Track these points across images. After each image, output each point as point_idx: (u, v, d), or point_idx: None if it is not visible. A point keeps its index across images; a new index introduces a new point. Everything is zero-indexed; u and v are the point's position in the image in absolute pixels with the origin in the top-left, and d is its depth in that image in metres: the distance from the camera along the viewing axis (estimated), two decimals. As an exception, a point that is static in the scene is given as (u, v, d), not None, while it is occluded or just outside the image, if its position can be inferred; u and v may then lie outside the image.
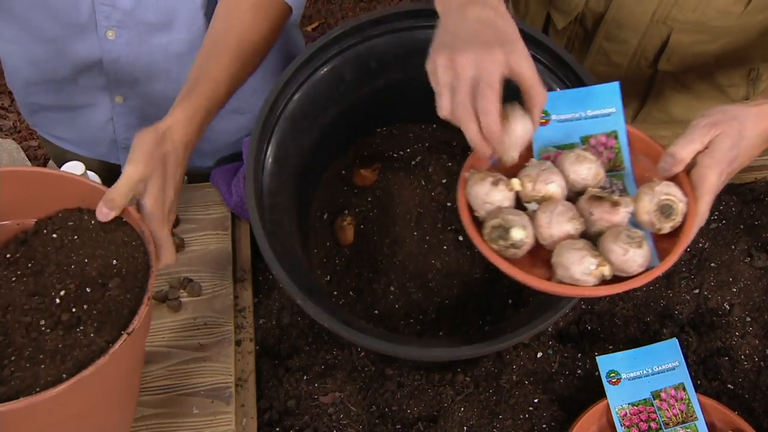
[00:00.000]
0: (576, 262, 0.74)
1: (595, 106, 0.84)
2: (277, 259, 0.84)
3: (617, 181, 0.83)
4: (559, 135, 0.84)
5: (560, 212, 0.77)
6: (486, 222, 0.77)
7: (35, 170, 0.81)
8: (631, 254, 0.74)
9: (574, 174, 0.80)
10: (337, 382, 0.95)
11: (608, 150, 0.84)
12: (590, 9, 1.14)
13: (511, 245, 0.76)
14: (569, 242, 0.76)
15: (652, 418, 0.90)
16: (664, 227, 0.77)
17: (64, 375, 0.68)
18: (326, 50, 0.96)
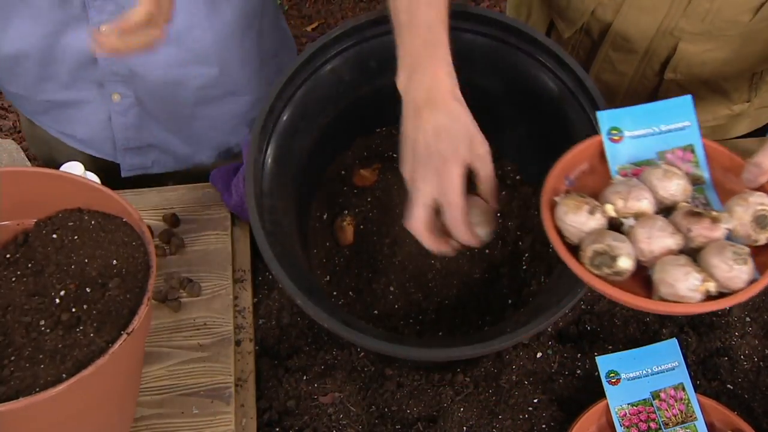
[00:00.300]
0: (681, 278, 0.73)
1: (669, 120, 0.84)
2: (276, 259, 0.84)
3: (699, 195, 0.83)
4: (634, 151, 0.84)
5: (660, 227, 0.76)
6: (585, 246, 0.76)
7: (35, 170, 0.81)
8: (737, 270, 0.73)
9: (663, 191, 0.80)
10: (337, 382, 0.96)
11: (686, 164, 0.84)
12: (596, 18, 1.13)
13: (615, 273, 0.75)
14: (672, 258, 0.75)
15: (652, 419, 0.90)
16: (760, 239, 0.76)
17: (64, 375, 0.68)
18: (326, 50, 0.96)
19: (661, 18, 1.07)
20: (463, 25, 0.98)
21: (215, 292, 1.02)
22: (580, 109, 0.96)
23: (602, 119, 0.84)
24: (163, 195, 1.10)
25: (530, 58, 0.98)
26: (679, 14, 1.06)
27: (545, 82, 0.98)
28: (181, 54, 1.07)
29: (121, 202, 0.79)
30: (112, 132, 1.17)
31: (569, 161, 0.84)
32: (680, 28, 1.07)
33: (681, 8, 1.05)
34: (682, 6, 1.05)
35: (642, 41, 1.11)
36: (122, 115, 1.14)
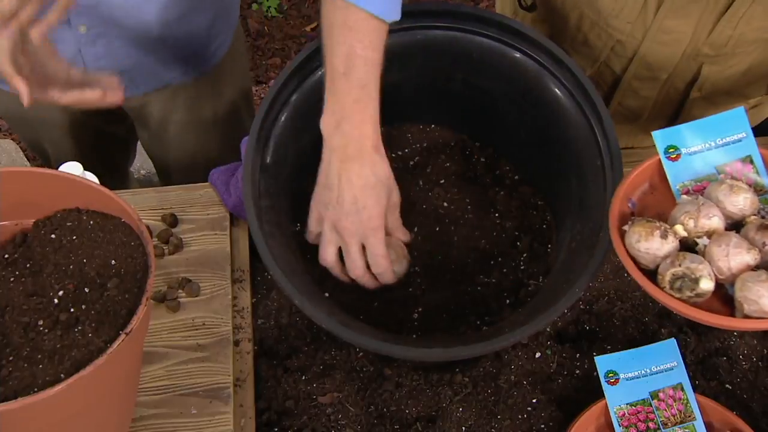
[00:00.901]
0: (765, 294, 0.73)
1: (724, 133, 0.85)
2: (274, 260, 0.84)
3: (764, 205, 0.83)
4: (694, 168, 0.85)
5: (736, 244, 0.76)
6: (663, 271, 0.76)
7: (34, 171, 0.81)
8: None
9: (731, 206, 0.80)
10: (336, 382, 0.95)
11: (747, 175, 0.84)
12: (616, 54, 1.13)
13: (697, 295, 0.75)
14: (752, 275, 0.75)
15: (650, 418, 0.90)
16: None
17: (62, 375, 0.68)
18: (325, 51, 0.96)
19: (683, 48, 1.07)
20: (463, 25, 0.98)
21: (214, 293, 1.02)
22: (579, 109, 0.96)
23: (657, 139, 0.85)
24: (162, 195, 1.10)
25: (529, 59, 0.98)
26: (702, 42, 1.05)
27: (544, 82, 0.98)
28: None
29: (119, 202, 0.79)
30: (84, 65, 1.17)
31: (630, 184, 0.85)
32: (704, 54, 1.07)
33: (703, 37, 1.04)
34: (705, 35, 1.04)
35: (665, 70, 1.11)
36: (91, 45, 1.14)
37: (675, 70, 1.11)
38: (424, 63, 1.02)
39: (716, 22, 1.02)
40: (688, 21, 1.03)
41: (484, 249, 1.03)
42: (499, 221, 1.05)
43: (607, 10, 1.07)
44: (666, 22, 1.04)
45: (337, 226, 0.89)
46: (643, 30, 1.06)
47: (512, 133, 1.06)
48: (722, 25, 1.02)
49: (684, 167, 0.85)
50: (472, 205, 1.06)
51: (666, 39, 1.06)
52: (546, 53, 0.97)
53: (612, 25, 1.08)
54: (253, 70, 2.50)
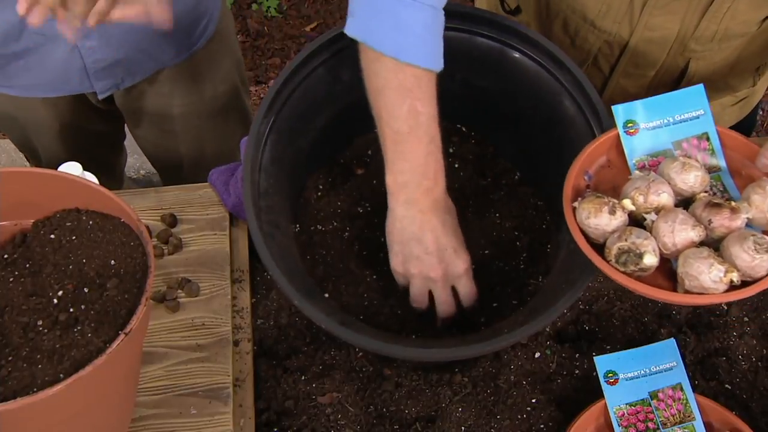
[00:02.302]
0: (705, 270, 0.74)
1: (682, 110, 0.86)
2: (273, 260, 0.84)
3: (716, 182, 0.84)
4: (650, 143, 0.85)
5: (681, 221, 0.78)
6: (610, 245, 0.78)
7: (33, 171, 0.81)
8: (759, 260, 0.75)
9: (681, 183, 0.81)
10: (335, 382, 0.95)
11: (702, 152, 0.85)
12: (603, 54, 1.13)
13: (641, 269, 0.76)
14: (694, 251, 0.76)
15: (650, 418, 0.90)
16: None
17: (62, 375, 0.68)
18: (324, 50, 0.96)
19: (670, 44, 1.07)
20: (462, 25, 0.98)
21: (213, 293, 1.02)
22: (578, 109, 0.96)
23: (617, 113, 0.85)
24: (161, 195, 1.10)
25: (529, 59, 0.98)
26: (688, 37, 1.06)
27: (543, 82, 0.98)
28: None
29: (119, 202, 0.79)
30: (82, 59, 1.18)
31: (587, 157, 0.85)
32: (690, 49, 1.08)
33: (690, 33, 1.05)
34: (691, 30, 1.05)
35: (653, 66, 1.12)
36: (86, 38, 1.15)
37: (662, 67, 1.11)
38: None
39: (701, 18, 1.03)
40: (674, 17, 1.03)
41: (484, 249, 1.03)
42: (499, 221, 1.05)
43: (593, 12, 1.08)
44: (652, 19, 1.04)
45: (430, 275, 0.91)
46: (629, 28, 1.07)
47: (512, 133, 1.06)
48: (707, 20, 1.03)
49: (641, 142, 0.85)
50: (472, 205, 1.06)
51: (653, 36, 1.06)
52: (545, 53, 0.97)
53: (598, 26, 1.09)
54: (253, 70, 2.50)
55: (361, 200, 1.05)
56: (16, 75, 1.21)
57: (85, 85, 1.24)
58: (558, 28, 1.14)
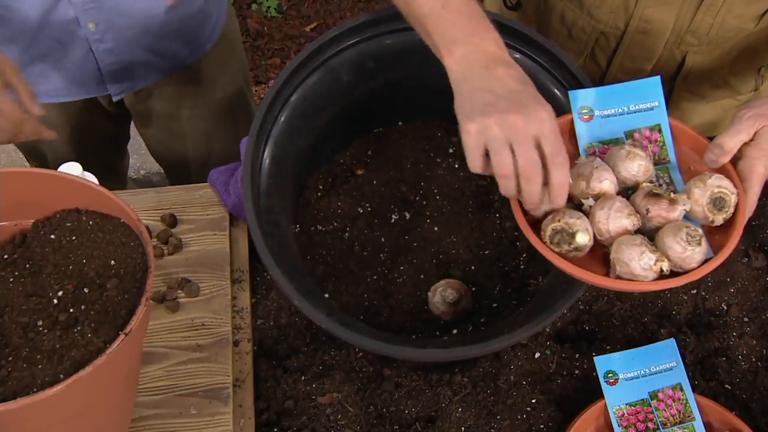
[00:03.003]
0: (636, 257, 0.75)
1: (638, 100, 0.86)
2: (274, 260, 0.84)
3: (663, 174, 0.85)
4: (603, 130, 0.86)
5: (618, 208, 0.79)
6: (545, 226, 0.79)
7: (34, 171, 0.81)
8: (690, 251, 0.76)
9: (625, 171, 0.82)
10: (335, 382, 0.95)
11: (653, 143, 0.85)
12: (600, 46, 1.14)
13: (575, 249, 0.77)
14: (628, 238, 0.77)
15: (650, 419, 0.90)
16: (716, 219, 0.79)
17: (62, 375, 0.68)
18: (324, 51, 0.96)
19: (666, 37, 1.07)
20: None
21: (213, 293, 1.02)
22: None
23: (574, 98, 0.86)
24: (161, 195, 1.10)
25: (528, 59, 0.98)
26: (684, 31, 1.06)
27: (543, 82, 0.98)
28: None
29: (119, 202, 0.79)
30: (96, 62, 1.19)
31: None
32: (687, 43, 1.08)
33: (685, 26, 1.05)
34: (686, 24, 1.05)
35: (650, 60, 1.12)
36: (101, 41, 1.16)
37: (659, 61, 1.11)
38: (424, 63, 1.01)
39: (697, 10, 1.03)
40: (669, 9, 1.04)
41: (484, 249, 1.03)
42: (499, 221, 1.05)
43: (589, 2, 1.08)
44: (647, 11, 1.04)
45: (508, 121, 0.74)
46: (625, 19, 1.07)
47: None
48: (703, 12, 1.03)
49: (594, 129, 0.86)
50: (472, 205, 1.06)
51: (649, 28, 1.07)
52: (544, 53, 0.97)
53: (594, 16, 1.09)
54: (253, 70, 2.50)
55: (361, 200, 1.05)
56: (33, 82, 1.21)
57: (101, 87, 1.25)
58: (556, 20, 1.15)
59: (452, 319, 0.97)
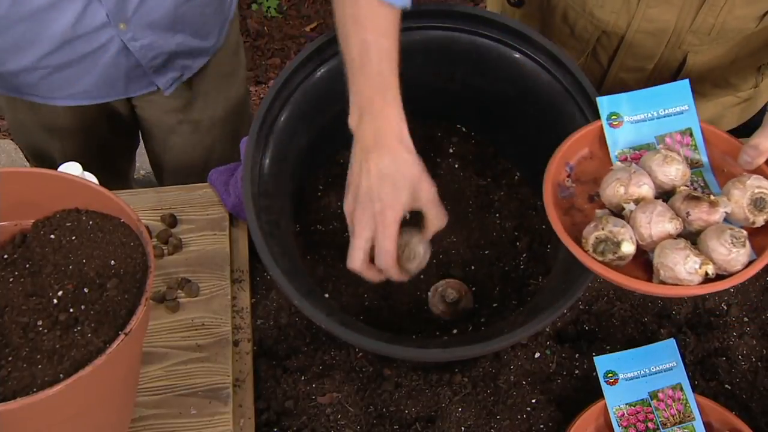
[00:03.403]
0: (680, 262, 0.75)
1: (667, 105, 0.86)
2: (274, 259, 0.84)
3: (697, 178, 0.84)
4: (634, 136, 0.86)
5: (660, 212, 0.78)
6: (587, 234, 0.78)
7: (33, 171, 0.81)
8: (735, 254, 0.75)
9: (662, 175, 0.81)
10: (335, 382, 0.95)
11: (685, 147, 0.85)
12: (602, 45, 1.14)
13: (619, 258, 0.77)
14: (671, 242, 0.76)
15: (650, 419, 0.90)
16: (757, 221, 0.78)
17: (62, 375, 0.68)
18: (324, 51, 0.96)
19: (668, 36, 1.07)
20: (462, 25, 0.98)
21: (213, 293, 1.02)
22: (578, 109, 0.96)
23: (602, 105, 0.85)
24: (161, 195, 1.10)
25: (528, 59, 0.98)
26: (685, 31, 1.06)
27: (543, 82, 0.98)
28: None
29: (118, 202, 0.79)
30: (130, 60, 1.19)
31: (569, 148, 0.85)
32: (688, 42, 1.08)
33: (686, 26, 1.05)
34: (688, 24, 1.05)
35: (651, 59, 1.12)
36: (135, 39, 1.16)
37: (660, 60, 1.12)
38: (424, 63, 1.02)
39: (698, 10, 1.03)
40: (671, 9, 1.04)
41: (484, 249, 1.03)
42: (499, 221, 1.05)
43: (592, 1, 1.08)
44: (649, 10, 1.04)
45: (353, 220, 0.86)
46: (627, 19, 1.07)
47: (512, 133, 1.06)
48: (704, 12, 1.03)
49: (624, 135, 0.85)
50: (473, 205, 1.06)
51: (650, 28, 1.07)
52: (545, 53, 0.97)
53: (597, 15, 1.09)
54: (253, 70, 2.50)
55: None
56: (59, 87, 1.22)
57: (134, 87, 1.25)
58: (558, 19, 1.15)
59: (452, 319, 0.97)
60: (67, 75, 1.18)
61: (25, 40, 1.10)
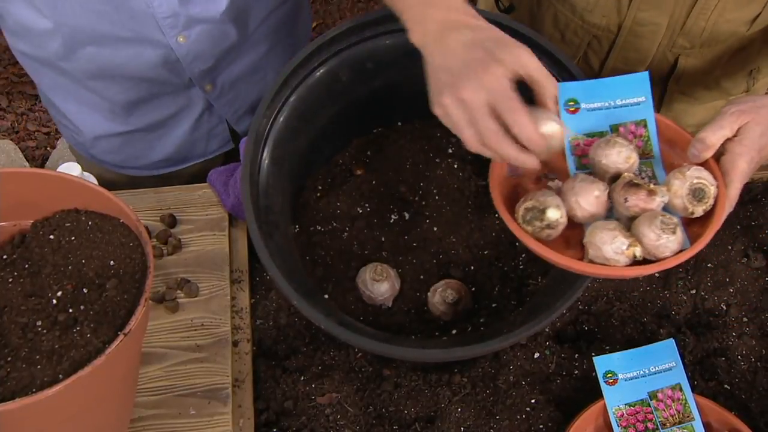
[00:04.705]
0: (608, 241, 0.76)
1: (625, 95, 0.86)
2: (273, 260, 0.84)
3: (646, 168, 0.85)
4: (589, 123, 0.86)
5: (582, 179, 0.79)
6: (518, 207, 0.79)
7: (33, 171, 0.81)
8: (664, 240, 0.76)
9: (605, 158, 0.82)
10: (335, 382, 0.95)
11: (637, 138, 0.86)
12: (593, 49, 1.14)
13: (547, 226, 0.78)
14: (603, 223, 0.78)
15: (649, 419, 0.91)
16: (696, 211, 0.79)
17: (61, 375, 0.68)
18: (323, 51, 0.96)
19: (659, 40, 1.07)
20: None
21: (213, 293, 1.02)
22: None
23: (561, 90, 0.85)
24: (161, 195, 1.10)
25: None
26: (676, 34, 1.06)
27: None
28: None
29: (118, 202, 0.79)
30: (218, 116, 1.22)
31: None
32: (679, 45, 1.08)
33: (677, 29, 1.05)
34: (679, 27, 1.05)
35: (642, 63, 1.12)
36: (221, 96, 1.19)
37: (652, 63, 1.12)
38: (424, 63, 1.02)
39: (689, 13, 1.03)
40: (662, 12, 1.04)
41: (483, 249, 1.03)
42: (499, 221, 1.05)
43: (582, 5, 1.08)
44: (640, 14, 1.04)
45: (459, 97, 0.74)
46: (617, 23, 1.07)
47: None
48: (695, 15, 1.03)
49: (580, 121, 0.86)
50: (472, 206, 1.06)
51: (641, 31, 1.07)
52: (541, 51, 0.96)
53: (587, 20, 1.09)
54: (253, 71, 2.50)
55: (360, 201, 1.05)
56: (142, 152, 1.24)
57: (215, 144, 1.27)
58: (549, 24, 1.15)
59: (452, 320, 0.97)
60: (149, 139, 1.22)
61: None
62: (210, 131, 1.24)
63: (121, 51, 1.05)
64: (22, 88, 2.47)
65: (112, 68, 1.07)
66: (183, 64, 1.09)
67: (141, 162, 1.25)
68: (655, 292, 1.05)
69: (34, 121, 2.42)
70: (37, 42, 1.05)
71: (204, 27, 1.06)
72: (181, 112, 1.19)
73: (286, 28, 1.21)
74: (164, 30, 1.03)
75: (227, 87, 1.18)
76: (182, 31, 1.04)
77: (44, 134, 2.40)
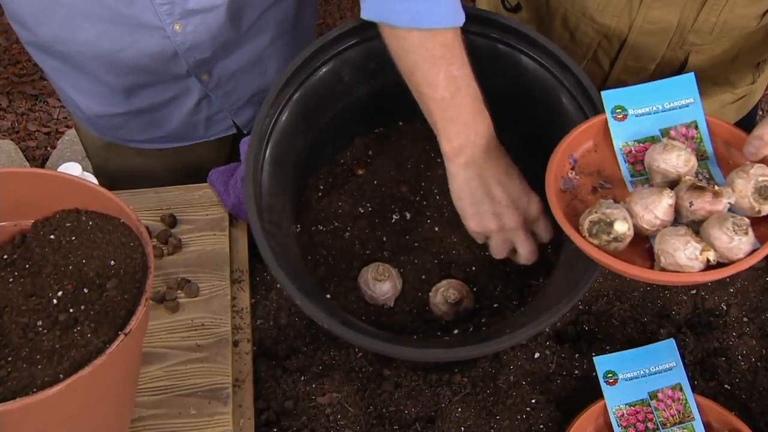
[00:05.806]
0: (681, 247, 0.74)
1: (672, 97, 0.86)
2: (275, 259, 0.84)
3: (702, 170, 0.84)
4: (639, 129, 0.86)
5: (650, 192, 0.78)
6: (582, 219, 0.78)
7: (33, 171, 0.81)
8: (737, 242, 0.75)
9: (664, 163, 0.81)
10: (335, 382, 0.96)
11: (690, 140, 0.85)
12: (603, 49, 1.14)
13: (614, 239, 0.77)
14: (672, 229, 0.77)
15: (649, 419, 0.91)
16: (763, 209, 0.78)
17: (61, 375, 0.68)
18: (325, 51, 0.96)
19: (670, 37, 1.07)
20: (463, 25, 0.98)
21: (213, 293, 1.02)
22: (579, 109, 0.96)
23: (606, 98, 0.86)
24: (161, 195, 1.10)
25: (530, 60, 0.98)
26: (687, 31, 1.06)
27: (544, 82, 0.98)
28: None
29: (118, 202, 0.79)
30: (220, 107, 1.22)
31: (573, 140, 0.86)
32: (690, 42, 1.08)
33: (688, 26, 1.05)
34: (690, 23, 1.05)
35: (653, 60, 1.12)
36: (218, 87, 1.19)
37: (662, 61, 1.12)
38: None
39: (700, 10, 1.03)
40: (673, 10, 1.04)
41: (485, 249, 1.03)
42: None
43: (593, 6, 1.08)
44: (651, 12, 1.04)
45: (510, 226, 0.92)
46: (628, 22, 1.07)
47: (512, 133, 1.06)
48: (706, 12, 1.03)
49: (629, 128, 0.86)
50: (472, 206, 1.06)
51: (652, 29, 1.07)
52: (546, 53, 0.97)
53: (598, 20, 1.09)
54: (253, 71, 2.50)
55: (362, 200, 1.05)
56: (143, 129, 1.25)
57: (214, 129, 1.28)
58: (558, 24, 1.15)
59: (453, 320, 0.97)
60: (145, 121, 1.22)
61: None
62: (209, 118, 1.25)
63: (118, 37, 1.06)
64: (22, 88, 2.47)
65: (110, 54, 1.08)
66: (179, 53, 1.09)
67: (146, 136, 1.27)
68: (655, 292, 1.05)
69: (35, 121, 2.42)
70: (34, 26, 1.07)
71: (201, 17, 1.06)
72: (177, 98, 1.19)
73: (288, 21, 1.21)
74: (161, 17, 1.04)
75: (225, 78, 1.18)
76: (179, 19, 1.05)
77: (44, 134, 2.40)
